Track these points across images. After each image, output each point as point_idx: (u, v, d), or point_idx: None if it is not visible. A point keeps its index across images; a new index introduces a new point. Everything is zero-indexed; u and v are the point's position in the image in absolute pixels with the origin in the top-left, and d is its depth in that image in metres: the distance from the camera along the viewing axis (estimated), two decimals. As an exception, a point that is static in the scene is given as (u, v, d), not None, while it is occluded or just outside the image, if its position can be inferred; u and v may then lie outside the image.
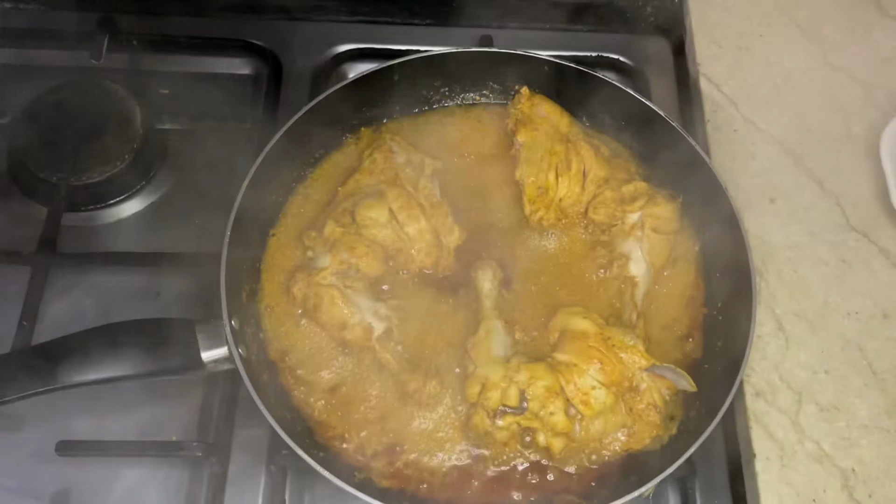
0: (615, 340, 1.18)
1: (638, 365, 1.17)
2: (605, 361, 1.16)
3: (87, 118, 1.42)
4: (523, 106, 1.38)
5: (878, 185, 1.43)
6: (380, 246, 1.27)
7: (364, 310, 1.22)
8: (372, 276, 1.27)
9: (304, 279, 1.24)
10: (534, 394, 1.13)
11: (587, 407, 1.14)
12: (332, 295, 1.21)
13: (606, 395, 1.14)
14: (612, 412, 1.16)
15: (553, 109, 1.38)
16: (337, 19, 1.65)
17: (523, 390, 1.13)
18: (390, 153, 1.34)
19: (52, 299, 1.32)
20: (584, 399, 1.14)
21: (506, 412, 1.13)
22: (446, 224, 1.29)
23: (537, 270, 1.32)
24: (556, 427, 1.14)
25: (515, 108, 1.39)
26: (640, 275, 1.29)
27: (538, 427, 1.14)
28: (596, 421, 1.16)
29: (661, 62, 1.61)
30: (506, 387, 1.13)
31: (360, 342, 1.22)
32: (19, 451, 1.21)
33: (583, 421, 1.15)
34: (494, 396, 1.13)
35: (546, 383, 1.13)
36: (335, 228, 1.26)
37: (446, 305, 1.29)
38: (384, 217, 1.26)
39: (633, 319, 1.25)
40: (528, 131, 1.35)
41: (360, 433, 1.20)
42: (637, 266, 1.29)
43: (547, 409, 1.13)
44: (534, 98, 1.38)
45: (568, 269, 1.33)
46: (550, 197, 1.32)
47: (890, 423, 1.23)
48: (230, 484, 1.20)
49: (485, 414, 1.14)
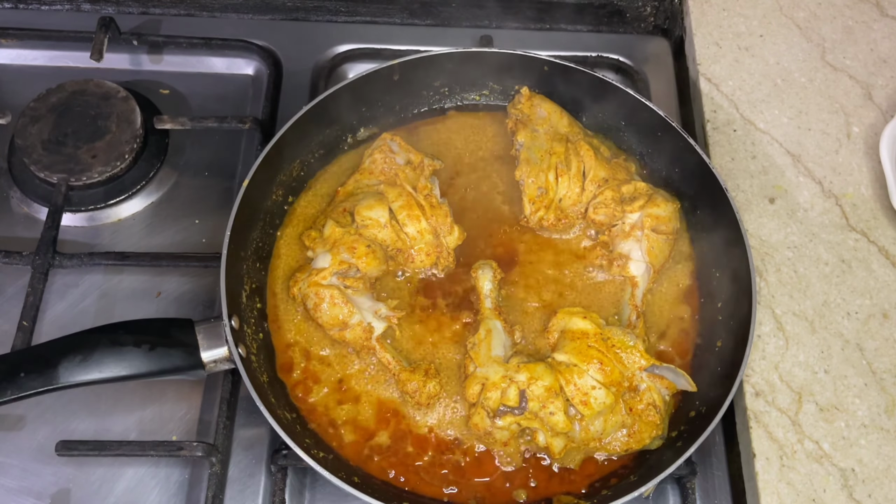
0: (615, 340, 1.18)
1: (637, 365, 1.18)
2: (605, 361, 1.16)
3: (87, 118, 1.42)
4: (523, 106, 1.38)
5: (878, 185, 1.43)
6: (380, 246, 1.27)
7: (364, 310, 1.23)
8: (372, 276, 1.27)
9: (303, 279, 1.24)
10: (533, 394, 1.13)
11: (587, 407, 1.14)
12: (332, 295, 1.21)
13: (606, 395, 1.14)
14: (612, 412, 1.16)
15: (553, 109, 1.38)
16: (337, 19, 1.66)
17: (523, 390, 1.13)
18: (390, 153, 1.34)
19: (52, 299, 1.32)
20: (584, 399, 1.14)
21: (506, 412, 1.14)
22: (446, 224, 1.29)
23: (537, 270, 1.32)
24: (555, 427, 1.14)
25: (515, 108, 1.39)
26: (639, 275, 1.29)
27: (538, 427, 1.15)
28: (596, 421, 1.16)
29: (661, 62, 1.61)
30: (506, 387, 1.13)
31: (359, 342, 1.22)
32: (19, 451, 1.21)
33: (582, 421, 1.15)
34: (494, 396, 1.13)
35: (546, 383, 1.14)
36: (335, 228, 1.26)
37: (446, 305, 1.29)
38: (384, 217, 1.26)
39: (632, 320, 1.25)
40: (528, 131, 1.35)
41: (360, 430, 1.20)
42: (637, 266, 1.29)
43: (547, 409, 1.13)
44: (534, 98, 1.38)
45: (568, 270, 1.33)
46: (550, 197, 1.32)
47: (889, 423, 1.23)
48: (230, 484, 1.20)
49: (485, 413, 1.14)
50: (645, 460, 1.19)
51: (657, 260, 1.29)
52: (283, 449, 1.20)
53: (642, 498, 1.17)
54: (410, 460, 1.19)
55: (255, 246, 1.30)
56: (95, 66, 1.48)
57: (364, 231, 1.26)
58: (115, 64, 1.54)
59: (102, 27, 1.50)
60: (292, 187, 1.37)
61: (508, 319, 1.26)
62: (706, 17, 1.61)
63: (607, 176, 1.32)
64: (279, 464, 1.20)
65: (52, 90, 1.44)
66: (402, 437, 1.20)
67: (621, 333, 1.19)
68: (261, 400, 1.11)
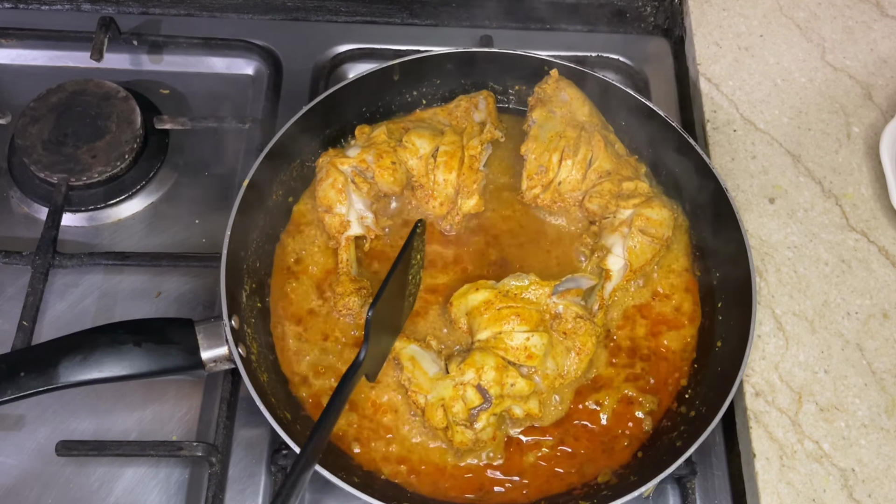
0: (513, 290, 1.21)
1: (543, 295, 1.21)
2: (520, 312, 1.19)
3: (87, 118, 1.42)
4: (548, 87, 1.38)
5: (878, 185, 1.43)
6: (405, 171, 1.31)
7: (354, 208, 1.29)
8: (382, 189, 1.32)
9: (330, 155, 1.32)
10: (488, 380, 1.15)
11: (533, 358, 1.17)
12: (336, 179, 1.28)
13: (540, 337, 1.17)
14: (553, 347, 1.20)
15: (576, 96, 1.38)
16: (337, 19, 1.66)
17: (478, 384, 1.14)
18: (474, 108, 1.39)
19: (52, 299, 1.32)
20: (527, 353, 1.17)
21: (477, 413, 1.15)
22: (470, 188, 1.32)
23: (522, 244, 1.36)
24: (522, 393, 1.16)
25: (540, 87, 1.39)
26: (615, 270, 1.28)
27: (510, 404, 1.17)
28: (547, 363, 1.18)
29: (661, 62, 1.61)
30: (462, 392, 1.14)
31: (333, 230, 1.29)
32: (19, 451, 1.21)
33: (538, 372, 1.18)
34: (459, 407, 1.14)
35: (491, 364, 1.15)
36: (381, 134, 1.32)
37: (428, 261, 1.32)
38: (425, 150, 1.31)
39: (593, 309, 1.25)
40: (545, 111, 1.36)
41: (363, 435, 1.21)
42: (615, 261, 1.29)
43: (506, 384, 1.15)
44: (560, 82, 1.38)
45: (555, 249, 1.35)
46: (550, 177, 1.32)
47: (889, 423, 1.23)
48: (230, 484, 1.20)
49: (461, 428, 1.15)
50: (645, 460, 1.19)
51: (637, 260, 1.28)
52: (283, 449, 1.20)
53: (642, 498, 1.17)
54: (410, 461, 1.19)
55: (255, 246, 1.30)
56: (95, 66, 1.49)
57: (401, 151, 1.31)
58: (115, 64, 1.54)
59: (102, 27, 1.50)
60: (292, 187, 1.37)
61: (416, 337, 1.24)
62: (706, 17, 1.61)
63: (612, 169, 1.32)
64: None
65: (52, 90, 1.44)
66: (405, 443, 1.20)
67: (513, 279, 1.22)
68: (261, 400, 1.11)
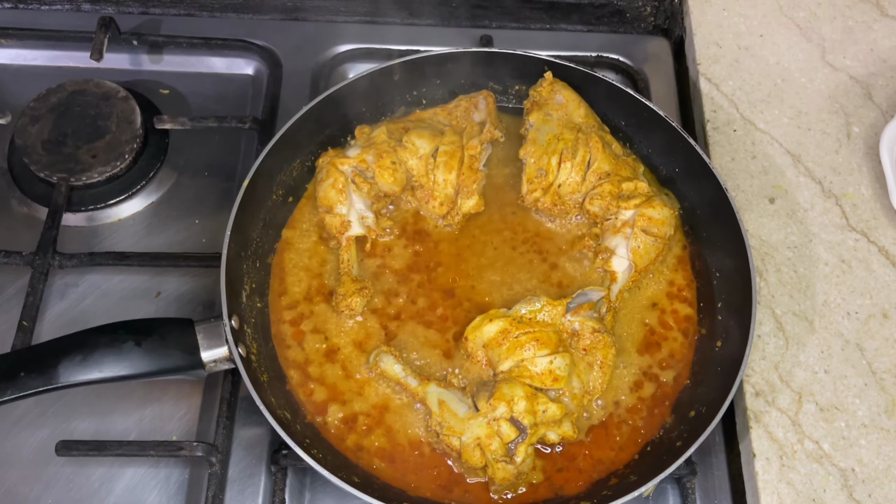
0: (527, 315, 1.21)
1: (558, 315, 1.21)
2: (537, 336, 1.18)
3: (87, 118, 1.42)
4: (543, 89, 1.38)
5: (877, 185, 1.43)
6: (405, 171, 1.31)
7: (354, 208, 1.29)
8: (382, 189, 1.32)
9: (330, 154, 1.32)
10: (520, 412, 1.13)
11: (558, 381, 1.16)
12: (336, 179, 1.28)
13: (563, 358, 1.17)
14: (576, 365, 1.19)
15: (572, 98, 1.38)
16: (337, 19, 1.65)
17: (511, 417, 1.13)
18: (475, 108, 1.39)
19: (52, 299, 1.32)
20: (553, 377, 1.16)
21: (515, 447, 1.14)
22: (470, 188, 1.32)
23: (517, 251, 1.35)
24: (555, 417, 1.15)
25: (535, 90, 1.39)
26: (620, 271, 1.29)
27: (543, 431, 1.15)
28: (573, 383, 1.18)
29: (661, 62, 1.61)
30: (497, 428, 1.13)
31: (334, 230, 1.29)
32: (19, 451, 1.21)
33: (566, 393, 1.18)
34: (496, 444, 1.13)
35: (520, 394, 1.14)
36: (382, 133, 1.33)
37: (430, 251, 1.32)
38: (425, 150, 1.31)
39: (601, 313, 1.25)
40: (542, 114, 1.36)
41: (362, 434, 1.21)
42: (619, 262, 1.29)
43: (538, 412, 1.14)
44: (555, 84, 1.38)
45: (556, 254, 1.35)
46: (549, 181, 1.32)
47: (889, 422, 1.23)
48: (230, 484, 1.20)
49: (502, 464, 1.14)
50: (645, 460, 1.19)
51: (641, 260, 1.28)
52: (283, 449, 1.20)
53: (642, 498, 1.17)
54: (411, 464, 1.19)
55: (255, 246, 1.30)
56: (95, 66, 1.48)
57: (401, 150, 1.31)
58: (115, 64, 1.54)
59: (102, 27, 1.50)
60: (292, 187, 1.37)
61: (435, 377, 1.23)
62: (706, 17, 1.61)
63: (611, 170, 1.32)
64: (279, 464, 1.20)
65: (52, 90, 1.44)
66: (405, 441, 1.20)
67: (524, 304, 1.22)
68: (261, 400, 1.11)
